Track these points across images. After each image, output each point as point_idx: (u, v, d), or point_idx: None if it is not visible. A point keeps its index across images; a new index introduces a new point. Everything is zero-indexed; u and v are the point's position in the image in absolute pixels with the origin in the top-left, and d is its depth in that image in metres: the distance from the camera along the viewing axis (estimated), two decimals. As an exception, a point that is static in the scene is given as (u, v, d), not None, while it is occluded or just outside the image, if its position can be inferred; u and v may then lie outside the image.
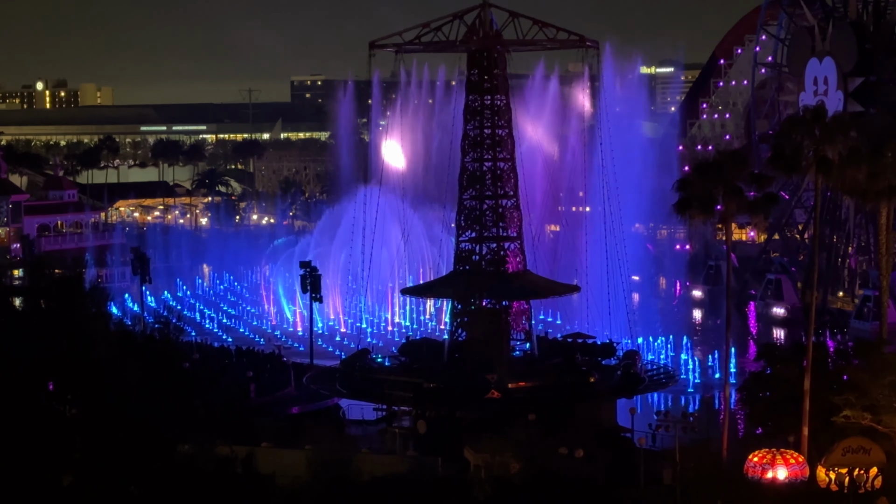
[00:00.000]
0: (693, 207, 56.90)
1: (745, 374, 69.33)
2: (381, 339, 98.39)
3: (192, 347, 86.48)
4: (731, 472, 53.26)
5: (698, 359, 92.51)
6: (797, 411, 54.51)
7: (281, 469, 52.33)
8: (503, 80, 72.70)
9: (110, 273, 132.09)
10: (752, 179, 57.18)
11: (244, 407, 66.92)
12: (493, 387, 66.83)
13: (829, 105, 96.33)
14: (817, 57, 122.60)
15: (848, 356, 59.55)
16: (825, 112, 57.24)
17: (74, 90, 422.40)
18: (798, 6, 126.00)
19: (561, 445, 56.45)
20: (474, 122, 72.31)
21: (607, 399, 70.66)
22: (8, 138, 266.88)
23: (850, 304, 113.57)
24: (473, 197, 72.29)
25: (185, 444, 44.65)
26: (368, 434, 69.34)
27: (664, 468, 55.26)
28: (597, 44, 73.29)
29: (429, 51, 76.01)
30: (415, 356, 73.83)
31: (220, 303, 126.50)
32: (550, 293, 77.27)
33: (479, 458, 56.01)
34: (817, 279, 62.59)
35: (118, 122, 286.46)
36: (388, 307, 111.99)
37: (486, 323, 71.69)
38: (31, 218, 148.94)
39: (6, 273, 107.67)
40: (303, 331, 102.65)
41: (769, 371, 59.02)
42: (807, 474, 52.37)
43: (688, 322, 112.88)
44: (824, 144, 55.55)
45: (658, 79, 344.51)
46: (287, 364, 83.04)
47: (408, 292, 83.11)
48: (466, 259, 72.51)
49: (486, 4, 71.79)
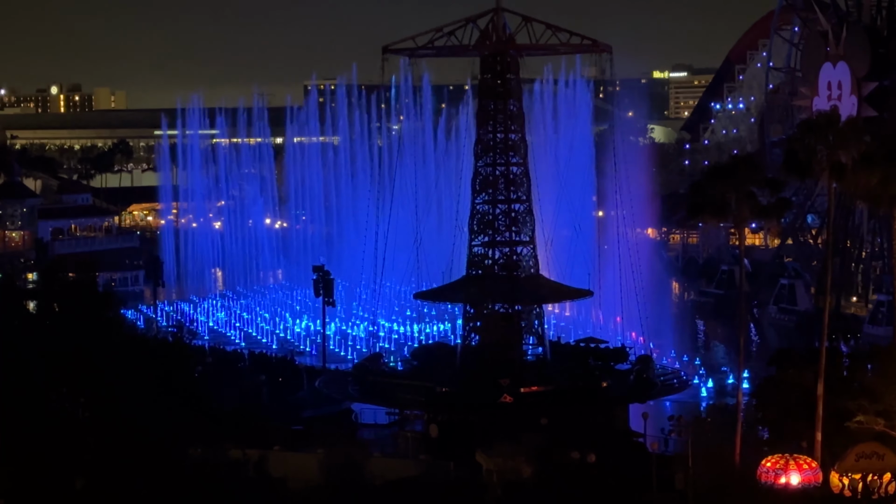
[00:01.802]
0: (706, 212, 56.84)
1: (759, 378, 69.20)
2: (393, 344, 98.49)
3: (205, 351, 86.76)
4: (743, 477, 53.13)
5: (711, 364, 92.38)
6: (810, 416, 54.36)
7: (293, 472, 52.48)
8: (516, 84, 72.66)
9: (123, 277, 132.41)
10: (766, 184, 57.08)
11: (256, 410, 67.00)
12: (505, 391, 66.78)
13: (843, 110, 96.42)
14: (831, 61, 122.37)
15: (861, 361, 59.38)
16: (839, 117, 57.09)
17: (88, 94, 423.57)
18: (812, 11, 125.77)
19: (573, 450, 56.41)
20: (487, 127, 72.30)
21: (620, 404, 70.55)
22: (23, 142, 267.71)
23: (864, 309, 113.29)
24: (486, 201, 72.28)
25: (197, 448, 44.75)
26: (381, 438, 69.38)
27: (677, 473, 55.15)
28: (610, 48, 73.18)
29: (442, 55, 76.03)
30: (427, 360, 73.83)
31: (232, 307, 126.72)
32: (563, 298, 77.17)
33: (491, 462, 55.96)
34: (831, 284, 62.39)
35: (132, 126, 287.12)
36: (400, 311, 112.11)
37: (499, 327, 71.67)
38: (45, 221, 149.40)
39: (20, 276, 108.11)
40: (315, 335, 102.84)
41: (782, 376, 58.87)
42: (820, 480, 52.21)
43: (701, 327, 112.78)
44: (838, 149, 55.38)
45: (671, 83, 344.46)
46: (300, 368, 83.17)
47: (420, 297, 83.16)
48: (479, 263, 72.50)
49: (499, 9, 71.78)
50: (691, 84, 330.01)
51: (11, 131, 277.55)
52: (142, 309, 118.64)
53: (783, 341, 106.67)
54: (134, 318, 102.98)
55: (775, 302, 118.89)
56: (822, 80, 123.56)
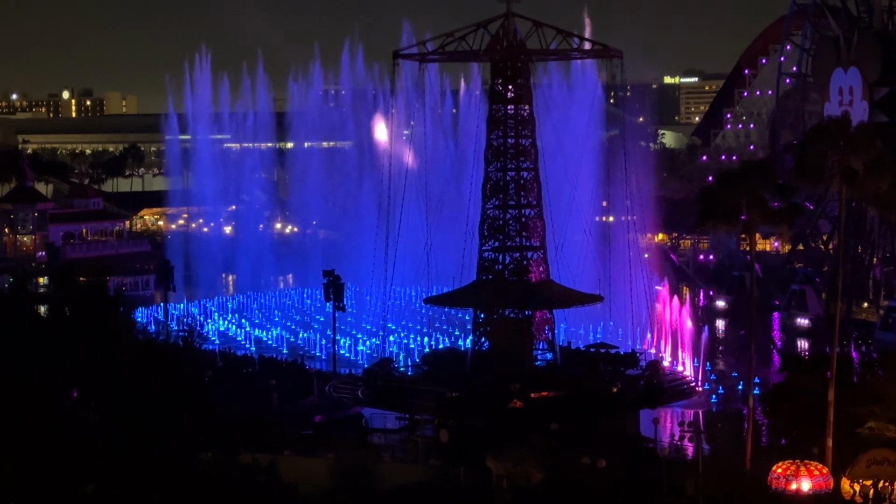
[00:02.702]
0: (717, 217, 56.77)
1: (769, 384, 69.05)
2: (403, 349, 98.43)
3: (215, 356, 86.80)
4: (754, 483, 53.02)
5: (722, 369, 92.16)
6: (821, 422, 54.24)
7: (303, 477, 52.48)
8: (527, 89, 72.67)
9: (134, 281, 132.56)
10: (777, 189, 57.00)
11: (267, 415, 67.05)
12: (515, 396, 66.74)
13: (854, 115, 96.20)
14: (842, 67, 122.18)
15: (872, 367, 59.26)
16: (850, 122, 57.01)
17: (100, 99, 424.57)
18: (823, 16, 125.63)
19: (583, 455, 56.33)
20: (498, 132, 72.32)
21: (630, 409, 70.46)
22: (34, 146, 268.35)
23: (875, 314, 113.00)
24: (497, 206, 72.28)
25: (207, 452, 44.77)
26: (391, 443, 69.37)
27: (687, 479, 55.03)
28: (621, 53, 73.14)
29: (452, 60, 76.12)
30: (437, 365, 73.83)
31: (243, 311, 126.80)
32: (573, 303, 77.15)
33: (501, 467, 55.92)
34: (842, 290, 62.29)
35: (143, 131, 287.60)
36: (410, 316, 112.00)
37: (509, 332, 71.64)
38: (57, 226, 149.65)
39: (31, 280, 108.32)
40: (325, 339, 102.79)
41: (793, 382, 58.75)
42: (831, 486, 52.10)
43: (711, 332, 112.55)
44: (849, 155, 55.29)
45: (682, 88, 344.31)
46: (310, 372, 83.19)
47: (431, 302, 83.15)
48: (489, 268, 72.49)
49: (509, 14, 71.78)
50: (702, 89, 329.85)
51: (23, 136, 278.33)
52: (152, 313, 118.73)
53: (794, 347, 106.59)
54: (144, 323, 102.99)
55: (786, 308, 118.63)
56: (833, 86, 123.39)
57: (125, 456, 41.83)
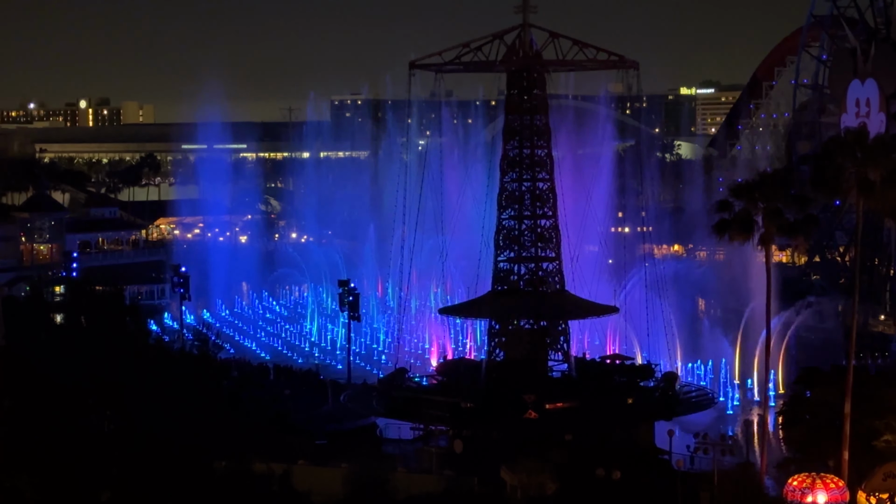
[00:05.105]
0: (733, 229, 56.66)
1: (785, 397, 68.79)
2: (418, 359, 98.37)
3: (231, 365, 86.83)
4: (770, 496, 52.82)
5: (737, 381, 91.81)
6: (837, 435, 54.02)
7: (317, 487, 52.46)
8: (543, 100, 72.65)
9: (150, 290, 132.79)
10: (793, 201, 56.87)
11: (281, 425, 67.08)
12: (530, 407, 66.61)
13: (871, 127, 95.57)
14: (859, 78, 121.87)
15: (889, 379, 58.97)
16: (867, 134, 56.87)
17: (117, 108, 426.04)
18: (840, 27, 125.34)
19: (598, 467, 56.20)
20: (513, 142, 72.31)
21: (645, 421, 70.25)
22: (51, 155, 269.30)
23: (892, 327, 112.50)
24: (512, 217, 72.22)
25: (222, 461, 44.80)
26: (405, 453, 69.29)
27: (702, 491, 54.86)
28: (637, 64, 73.10)
29: (468, 71, 76.10)
30: (452, 376, 73.72)
31: (258, 321, 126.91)
32: (588, 314, 77.00)
33: (515, 478, 55.83)
34: (858, 302, 62.03)
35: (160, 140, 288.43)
36: (425, 326, 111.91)
37: (524, 343, 71.53)
38: (73, 235, 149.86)
39: (48, 289, 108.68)
40: (341, 349, 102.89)
41: (809, 394, 58.54)
42: (847, 499, 51.87)
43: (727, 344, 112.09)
44: (866, 166, 55.16)
45: (698, 99, 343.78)
46: (325, 382, 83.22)
47: (446, 312, 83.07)
48: (504, 279, 72.41)
49: (526, 25, 71.82)
50: (718, 100, 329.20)
51: (40, 145, 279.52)
52: (167, 322, 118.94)
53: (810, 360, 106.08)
54: (160, 332, 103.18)
55: (802, 320, 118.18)
56: (850, 97, 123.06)
57: (140, 465, 41.90)
